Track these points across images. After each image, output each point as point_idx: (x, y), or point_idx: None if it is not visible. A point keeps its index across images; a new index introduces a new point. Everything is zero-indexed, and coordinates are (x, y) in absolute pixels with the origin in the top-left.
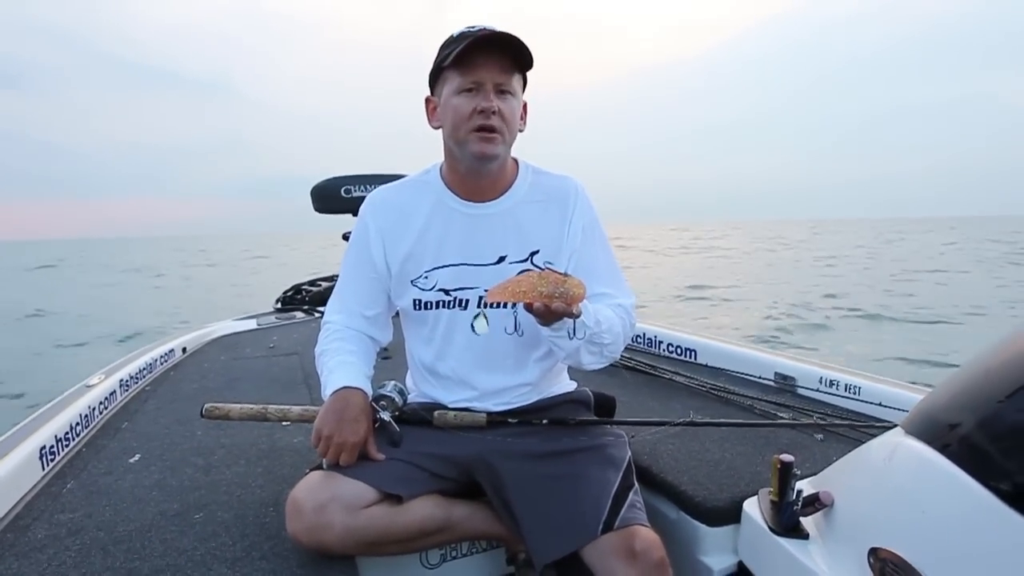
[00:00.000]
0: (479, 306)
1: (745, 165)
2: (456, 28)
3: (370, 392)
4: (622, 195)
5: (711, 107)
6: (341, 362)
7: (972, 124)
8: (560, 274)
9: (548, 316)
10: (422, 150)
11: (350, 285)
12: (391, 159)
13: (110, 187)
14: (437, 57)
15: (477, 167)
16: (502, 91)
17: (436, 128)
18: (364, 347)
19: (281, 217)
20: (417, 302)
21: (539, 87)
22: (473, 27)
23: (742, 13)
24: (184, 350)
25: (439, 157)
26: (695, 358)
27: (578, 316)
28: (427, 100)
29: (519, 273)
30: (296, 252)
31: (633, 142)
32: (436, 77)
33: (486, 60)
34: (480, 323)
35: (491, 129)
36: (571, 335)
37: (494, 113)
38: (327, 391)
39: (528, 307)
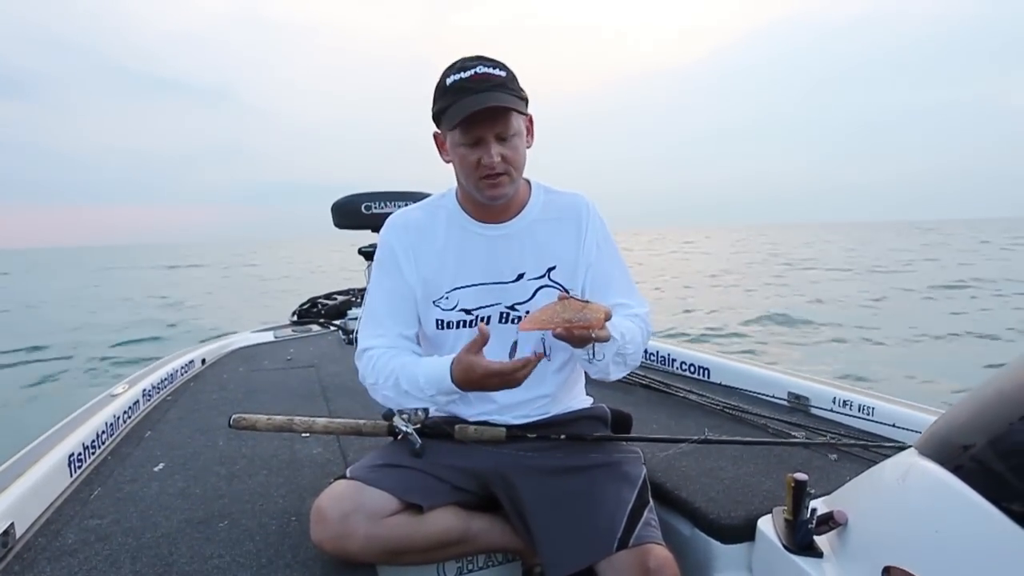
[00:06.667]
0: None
1: (746, 169)
2: (447, 65)
3: None
4: (623, 200)
5: (712, 112)
6: (416, 360)
7: (980, 125)
8: (581, 301)
9: (573, 341)
10: (423, 159)
11: (384, 307)
12: (392, 168)
13: (109, 193)
14: (434, 104)
15: (489, 204)
16: (502, 137)
17: (448, 163)
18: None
19: (281, 224)
20: (440, 322)
21: (540, 96)
22: (464, 72)
23: (742, 18)
24: (203, 361)
25: (441, 165)
26: (708, 376)
27: (604, 339)
28: (435, 136)
29: (536, 290)
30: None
31: (633, 148)
32: (438, 119)
33: (483, 118)
34: (520, 349)
35: (497, 175)
36: (591, 357)
37: (498, 162)
38: (443, 381)
39: (555, 334)
